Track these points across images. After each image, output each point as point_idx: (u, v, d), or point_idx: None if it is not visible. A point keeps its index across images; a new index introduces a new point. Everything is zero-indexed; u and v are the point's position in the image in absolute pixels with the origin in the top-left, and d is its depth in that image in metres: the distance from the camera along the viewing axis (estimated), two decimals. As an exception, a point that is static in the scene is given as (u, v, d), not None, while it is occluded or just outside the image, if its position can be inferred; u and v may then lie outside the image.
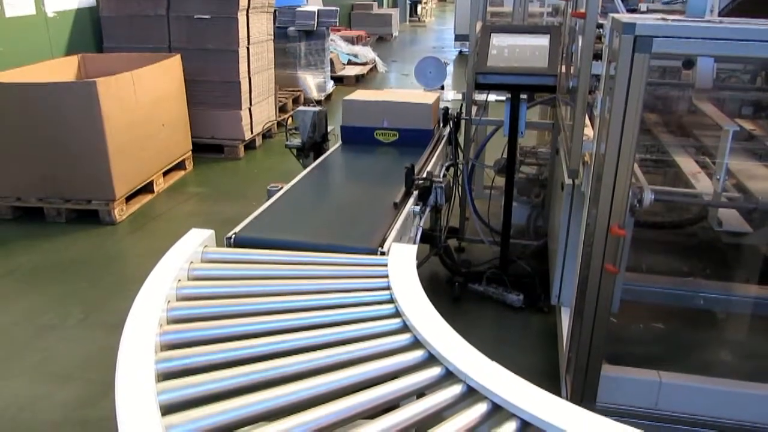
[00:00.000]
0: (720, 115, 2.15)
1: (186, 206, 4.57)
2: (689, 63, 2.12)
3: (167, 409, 1.08)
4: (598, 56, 2.13)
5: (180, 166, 5.14)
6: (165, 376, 1.20)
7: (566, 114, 2.68)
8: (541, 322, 3.06)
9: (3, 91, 4.00)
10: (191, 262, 1.65)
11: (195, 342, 1.32)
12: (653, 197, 1.84)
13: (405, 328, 1.35)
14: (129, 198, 4.38)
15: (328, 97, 7.74)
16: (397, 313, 1.40)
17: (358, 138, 2.91)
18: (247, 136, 5.66)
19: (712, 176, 2.14)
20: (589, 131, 2.28)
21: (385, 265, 1.60)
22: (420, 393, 1.19)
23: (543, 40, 2.79)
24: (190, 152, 5.30)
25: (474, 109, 3.41)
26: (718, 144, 2.02)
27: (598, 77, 2.04)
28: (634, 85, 1.62)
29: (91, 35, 5.45)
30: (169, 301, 1.47)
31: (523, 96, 2.91)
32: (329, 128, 2.87)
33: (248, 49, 5.49)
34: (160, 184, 4.78)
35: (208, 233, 1.78)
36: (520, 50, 2.79)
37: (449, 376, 1.20)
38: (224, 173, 5.30)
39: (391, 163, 2.66)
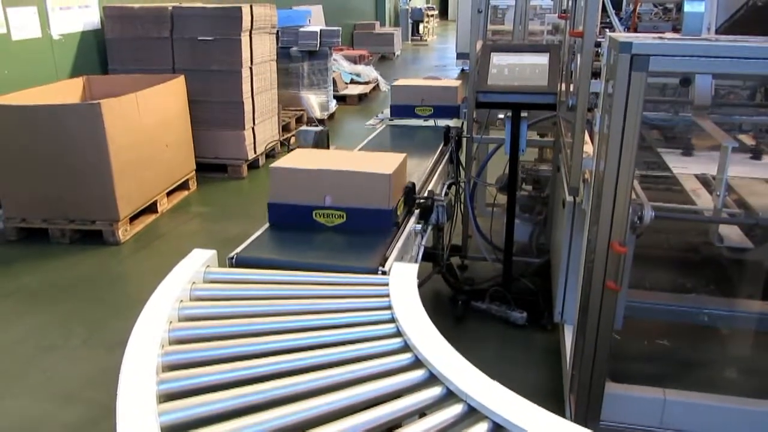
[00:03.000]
0: (718, 131, 2.16)
1: (190, 226, 4.59)
2: (686, 81, 2.14)
3: (168, 430, 1.08)
4: (597, 74, 2.15)
5: (184, 186, 5.17)
6: (166, 397, 1.21)
7: (566, 132, 2.69)
8: (544, 339, 3.05)
9: (9, 112, 4.04)
10: (193, 283, 1.66)
11: (196, 363, 1.33)
12: (653, 214, 1.85)
13: (406, 347, 1.35)
14: (133, 218, 4.40)
15: (331, 116, 7.79)
16: (398, 333, 1.40)
17: (290, 218, 2.10)
18: (251, 155, 5.70)
19: (712, 192, 2.15)
20: (588, 148, 2.29)
21: (386, 285, 1.60)
22: (421, 413, 1.19)
23: (543, 59, 2.81)
24: (194, 172, 5.33)
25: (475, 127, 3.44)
26: (718, 160, 2.03)
27: (598, 95, 2.05)
28: (632, 102, 1.63)
29: (96, 57, 5.51)
30: (171, 322, 1.47)
31: (524, 114, 2.92)
32: (331, 147, 2.88)
33: (251, 69, 5.54)
34: (164, 204, 4.80)
35: (210, 253, 1.79)
36: (520, 69, 2.81)
37: (450, 396, 1.20)
38: (227, 193, 5.32)
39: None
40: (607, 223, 1.76)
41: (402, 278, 1.62)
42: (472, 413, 1.15)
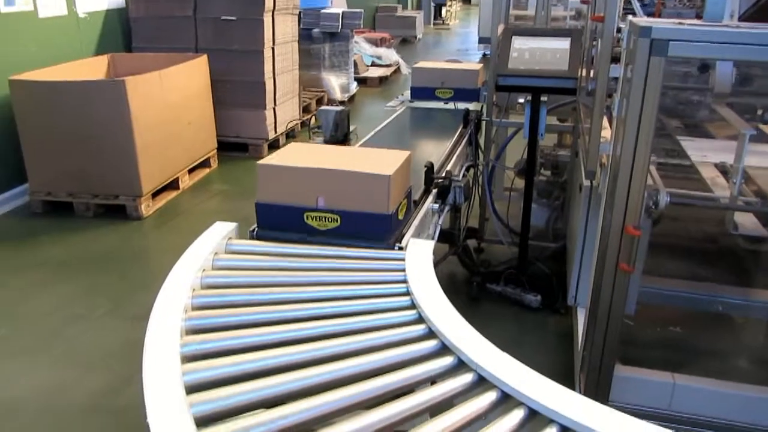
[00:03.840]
0: (737, 118, 2.16)
1: (210, 203, 4.66)
2: (705, 67, 2.14)
3: (192, 389, 1.14)
4: (617, 59, 2.16)
5: (205, 164, 5.24)
6: (189, 358, 1.26)
7: (585, 117, 2.70)
8: (557, 323, 3.08)
9: (36, 89, 4.12)
10: (215, 253, 1.72)
11: (218, 328, 1.38)
12: (668, 199, 1.86)
13: (420, 319, 1.39)
14: (155, 194, 4.48)
15: (352, 98, 7.81)
16: (413, 305, 1.45)
17: (279, 220, 1.93)
18: (271, 135, 5.75)
19: (729, 180, 2.16)
20: (607, 133, 2.30)
21: (403, 260, 1.65)
22: (432, 381, 1.23)
23: (564, 43, 2.82)
24: (215, 151, 5.40)
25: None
26: (735, 148, 2.04)
27: (617, 80, 2.06)
28: (650, 87, 1.65)
29: (120, 36, 5.58)
30: (194, 289, 1.53)
31: (544, 98, 2.93)
32: (351, 128, 2.91)
33: (273, 50, 5.58)
34: (186, 182, 4.88)
35: (232, 226, 1.84)
36: (540, 53, 2.81)
37: (461, 365, 1.24)
38: (248, 172, 5.38)
39: None
40: (622, 206, 1.78)
41: (418, 253, 1.66)
42: (482, 382, 1.19)
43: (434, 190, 2.30)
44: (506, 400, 1.14)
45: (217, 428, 1.03)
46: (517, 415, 1.09)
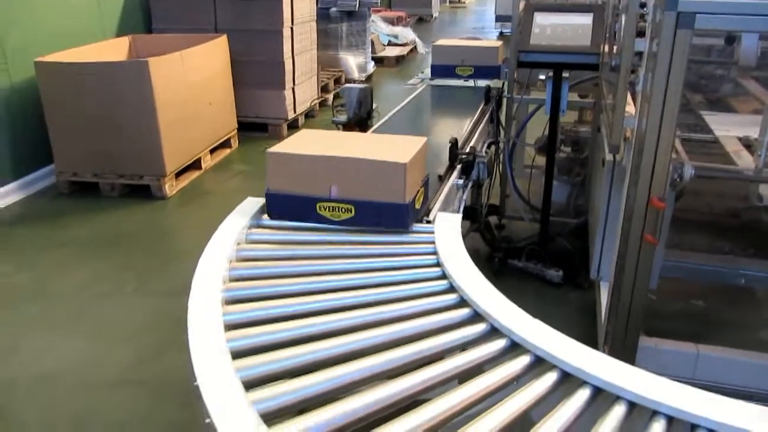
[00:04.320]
0: (763, 91, 2.16)
1: (232, 182, 4.72)
2: (731, 40, 2.14)
3: (236, 354, 1.19)
4: (641, 34, 2.16)
5: (226, 144, 5.30)
6: (230, 327, 1.31)
7: (608, 93, 2.71)
8: (579, 298, 3.11)
9: (59, 70, 4.18)
10: (249, 227, 1.77)
11: (256, 298, 1.43)
12: (693, 172, 1.88)
13: (452, 288, 1.43)
14: (178, 174, 4.55)
15: (369, 77, 7.80)
16: (444, 276, 1.49)
17: (290, 210, 1.87)
18: (290, 115, 5.78)
19: (754, 153, 2.17)
20: (630, 108, 2.31)
21: (432, 233, 1.68)
22: (463, 348, 1.27)
23: (586, 19, 2.81)
24: (236, 131, 5.45)
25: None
26: (761, 121, 2.04)
27: (640, 55, 2.07)
28: (676, 61, 1.66)
29: (140, 17, 5.62)
30: (230, 261, 1.58)
31: (566, 75, 2.94)
32: (374, 105, 2.94)
33: (292, 29, 5.59)
34: (208, 161, 4.94)
35: (263, 201, 1.89)
36: (562, 29, 2.81)
37: (494, 332, 1.28)
38: (268, 151, 5.42)
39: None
40: (647, 179, 1.80)
41: (446, 226, 1.70)
42: (515, 348, 1.23)
43: (458, 166, 2.33)
44: (540, 364, 1.18)
45: (263, 391, 1.08)
46: (550, 377, 1.13)
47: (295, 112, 5.87)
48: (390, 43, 9.61)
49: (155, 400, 2.45)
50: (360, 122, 2.86)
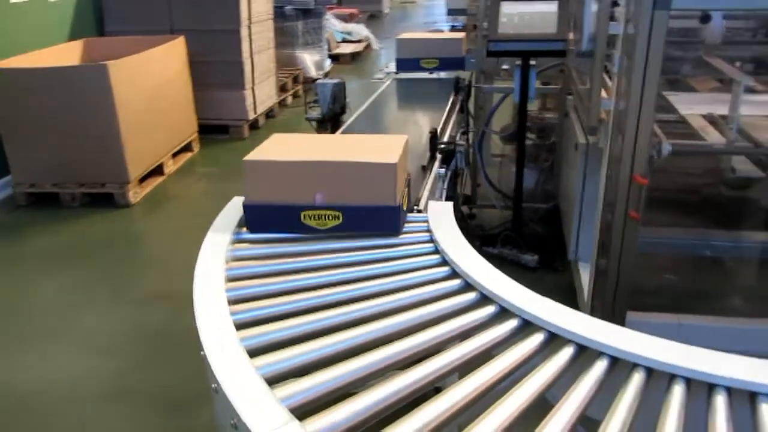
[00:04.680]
0: (730, 67, 2.25)
1: (197, 186, 4.65)
2: (707, 18, 2.21)
3: (240, 326, 1.20)
4: (612, 17, 2.21)
5: (187, 147, 5.21)
6: (239, 326, 1.30)
7: (579, 78, 2.77)
8: (555, 280, 3.17)
9: (13, 77, 4.04)
10: (232, 242, 1.73)
11: (257, 297, 1.41)
12: (670, 148, 1.94)
13: (455, 274, 1.45)
14: (141, 180, 4.45)
15: (326, 75, 7.78)
16: (445, 262, 1.50)
17: (272, 222, 1.75)
18: (251, 116, 5.72)
19: (723, 128, 2.25)
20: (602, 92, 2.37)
21: (426, 221, 1.70)
22: (476, 330, 1.29)
23: (551, 6, 2.86)
24: (197, 134, 5.36)
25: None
26: (729, 97, 2.12)
27: (611, 38, 2.12)
28: (654, 41, 1.71)
29: (92, 19, 5.47)
30: (227, 262, 1.55)
31: (533, 62, 2.99)
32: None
33: (250, 28, 5.53)
34: (170, 166, 4.85)
35: (239, 212, 1.87)
36: (529, 17, 2.86)
37: (504, 312, 1.30)
38: (231, 153, 5.37)
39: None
40: (629, 157, 1.86)
41: (439, 213, 1.72)
42: (527, 326, 1.25)
43: (439, 156, 2.35)
44: (554, 339, 1.21)
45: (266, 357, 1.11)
46: (567, 352, 1.16)
47: (255, 112, 5.81)
48: (344, 41, 9.60)
49: (149, 410, 2.40)
50: (334, 117, 2.86)
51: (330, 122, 2.86)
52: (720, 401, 1.03)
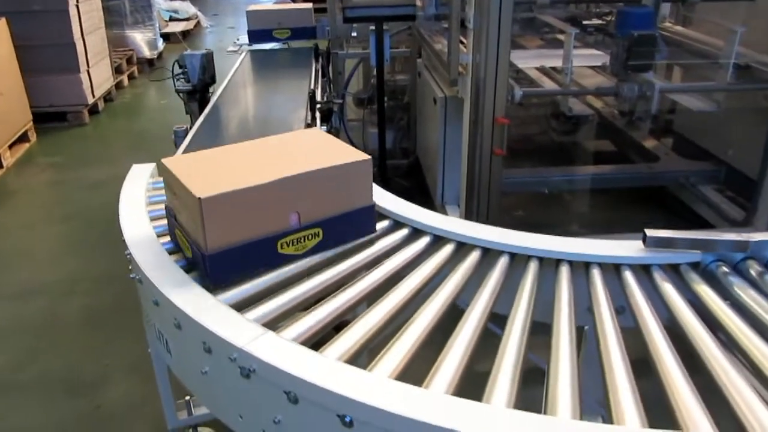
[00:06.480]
0: (562, 23, 2.63)
1: (44, 176, 4.39)
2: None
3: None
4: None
5: (23, 138, 4.87)
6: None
7: (433, 38, 3.05)
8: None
9: None
10: (148, 191, 1.80)
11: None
12: (522, 93, 2.28)
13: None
14: (-21, 175, 4.13)
15: (160, 55, 7.52)
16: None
17: (246, 264, 1.40)
18: (90, 99, 5.44)
19: (556, 76, 2.65)
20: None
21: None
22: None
23: (400, -26, 3.11)
24: (32, 123, 5.02)
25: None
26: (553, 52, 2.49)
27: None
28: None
29: None
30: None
31: (386, 27, 3.23)
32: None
33: (78, 7, 5.23)
34: (8, 159, 4.53)
35: (151, 166, 1.92)
36: (382, -15, 3.09)
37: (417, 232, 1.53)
38: (75, 140, 5.10)
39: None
40: (491, 103, 2.15)
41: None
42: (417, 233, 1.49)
43: (319, 115, 2.52)
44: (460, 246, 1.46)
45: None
46: (475, 256, 1.41)
47: (94, 96, 5.54)
48: (172, 19, 9.26)
49: (42, 402, 2.36)
50: (204, 87, 2.90)
51: (200, 93, 2.89)
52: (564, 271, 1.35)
